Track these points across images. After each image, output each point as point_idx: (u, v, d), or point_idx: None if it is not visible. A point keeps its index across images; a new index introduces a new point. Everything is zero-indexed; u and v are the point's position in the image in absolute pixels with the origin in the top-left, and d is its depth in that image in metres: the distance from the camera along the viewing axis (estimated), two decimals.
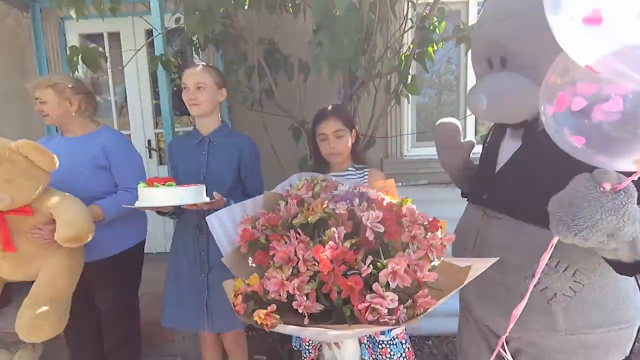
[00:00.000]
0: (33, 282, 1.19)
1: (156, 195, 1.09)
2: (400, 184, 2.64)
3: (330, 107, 1.30)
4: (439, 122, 1.06)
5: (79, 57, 1.25)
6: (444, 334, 2.20)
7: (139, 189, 1.12)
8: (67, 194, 1.24)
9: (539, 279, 0.80)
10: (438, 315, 1.36)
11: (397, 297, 0.64)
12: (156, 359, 1.90)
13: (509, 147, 0.95)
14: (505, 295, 0.89)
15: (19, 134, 2.67)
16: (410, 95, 1.56)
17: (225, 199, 1.27)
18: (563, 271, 0.82)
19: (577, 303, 0.83)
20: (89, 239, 1.18)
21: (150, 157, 2.86)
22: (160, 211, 1.29)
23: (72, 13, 1.09)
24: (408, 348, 1.21)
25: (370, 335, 1.15)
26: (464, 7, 2.54)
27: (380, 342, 1.17)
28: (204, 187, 1.20)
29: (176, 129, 2.10)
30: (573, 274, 0.82)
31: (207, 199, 1.19)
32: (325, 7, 0.97)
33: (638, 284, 0.89)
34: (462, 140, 1.05)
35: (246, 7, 1.34)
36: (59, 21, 2.63)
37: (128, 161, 1.47)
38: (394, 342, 1.18)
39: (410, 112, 2.70)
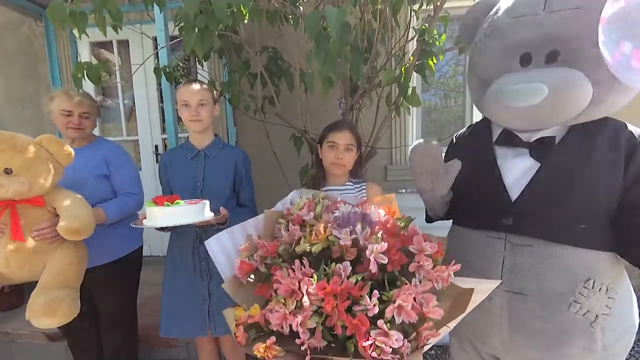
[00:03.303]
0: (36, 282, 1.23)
1: (169, 214, 1.11)
2: (404, 190, 2.61)
3: (347, 122, 1.35)
4: (415, 144, 0.96)
5: (84, 73, 1.29)
6: (447, 344, 2.17)
7: (147, 208, 1.14)
8: (73, 192, 1.29)
9: (580, 303, 0.82)
10: None
11: (402, 337, 0.63)
12: None
13: (516, 167, 0.90)
14: (546, 329, 0.85)
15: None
16: (411, 107, 1.53)
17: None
18: (599, 290, 0.82)
19: (611, 319, 0.84)
20: (89, 235, 1.22)
21: (157, 162, 2.92)
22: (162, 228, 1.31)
23: (75, 32, 1.12)
24: None
25: None
26: None
27: None
28: (207, 202, 1.22)
29: (180, 135, 2.14)
30: (606, 291, 0.83)
31: (212, 215, 1.22)
32: (318, 27, 0.97)
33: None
34: (445, 163, 0.96)
35: (246, 21, 1.35)
36: (71, 30, 2.71)
37: (127, 169, 1.56)
38: None
39: (415, 119, 2.67)
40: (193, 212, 1.14)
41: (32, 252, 1.18)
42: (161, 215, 1.11)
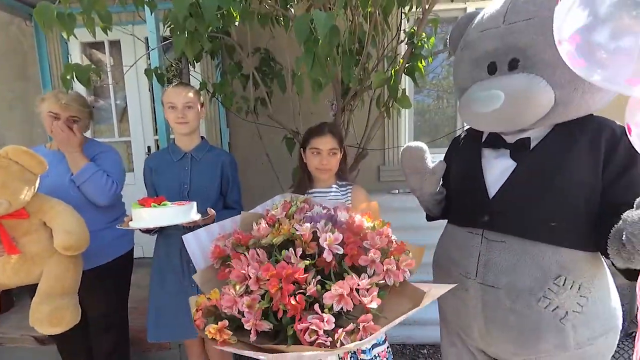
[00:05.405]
0: (30, 285, 1.22)
1: (156, 215, 1.11)
2: (397, 191, 2.63)
3: (327, 124, 1.33)
4: (405, 146, 1.04)
5: (73, 74, 1.28)
6: (439, 343, 2.19)
7: (133, 210, 1.13)
8: (61, 201, 1.26)
9: (549, 299, 0.85)
10: (433, 323, 1.38)
11: (333, 319, 0.66)
12: None
13: (496, 167, 0.95)
14: (517, 322, 0.89)
15: (22, 140, 2.73)
16: (401, 108, 1.55)
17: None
18: (570, 288, 0.85)
19: (583, 317, 0.86)
20: (86, 247, 1.22)
21: None
22: (148, 229, 1.31)
23: (64, 34, 1.11)
24: None
25: (353, 352, 1.15)
26: (461, 14, 2.52)
27: None
28: (195, 203, 1.22)
29: (172, 136, 2.13)
30: (578, 289, 0.85)
31: (200, 216, 1.22)
32: (307, 31, 0.98)
33: (618, 291, 0.94)
34: (431, 164, 1.02)
35: (237, 23, 1.35)
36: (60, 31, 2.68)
37: (109, 154, 1.52)
38: None
39: (408, 120, 2.69)
40: (180, 213, 1.14)
41: (28, 259, 1.18)
42: (148, 217, 1.11)
